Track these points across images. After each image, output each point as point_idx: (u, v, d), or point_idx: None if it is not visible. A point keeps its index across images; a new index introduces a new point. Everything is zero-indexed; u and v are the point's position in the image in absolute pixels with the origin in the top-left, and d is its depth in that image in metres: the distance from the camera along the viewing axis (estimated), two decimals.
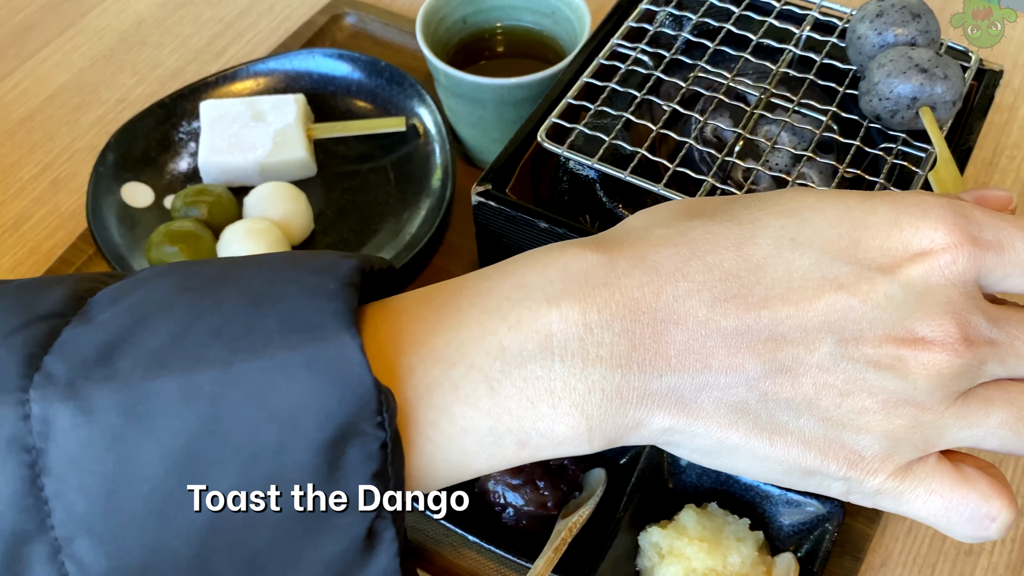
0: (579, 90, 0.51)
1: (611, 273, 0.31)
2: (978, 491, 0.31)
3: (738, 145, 0.49)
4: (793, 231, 0.31)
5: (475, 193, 0.50)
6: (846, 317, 0.30)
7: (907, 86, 0.45)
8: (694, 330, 0.30)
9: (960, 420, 0.31)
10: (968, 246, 0.30)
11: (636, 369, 0.30)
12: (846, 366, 0.30)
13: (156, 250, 0.59)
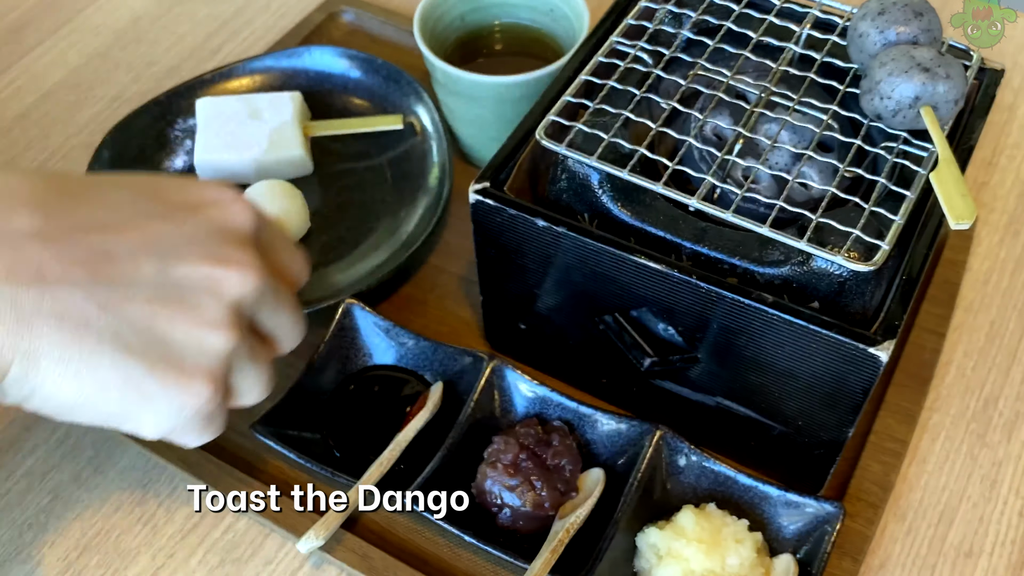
0: (578, 88, 0.51)
1: None
2: None
3: (738, 144, 0.49)
4: (114, 178, 0.42)
5: (473, 191, 0.50)
6: (162, 241, 0.38)
7: (909, 85, 0.45)
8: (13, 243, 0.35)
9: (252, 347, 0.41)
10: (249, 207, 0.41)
11: None
12: (168, 289, 0.37)
13: None
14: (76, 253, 0.35)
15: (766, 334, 0.46)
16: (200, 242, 0.38)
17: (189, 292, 0.37)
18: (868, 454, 0.54)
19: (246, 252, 0.39)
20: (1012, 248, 0.64)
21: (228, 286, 0.38)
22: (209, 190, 0.40)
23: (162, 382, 0.37)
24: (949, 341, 0.59)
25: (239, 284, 0.38)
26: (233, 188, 0.41)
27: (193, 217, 0.38)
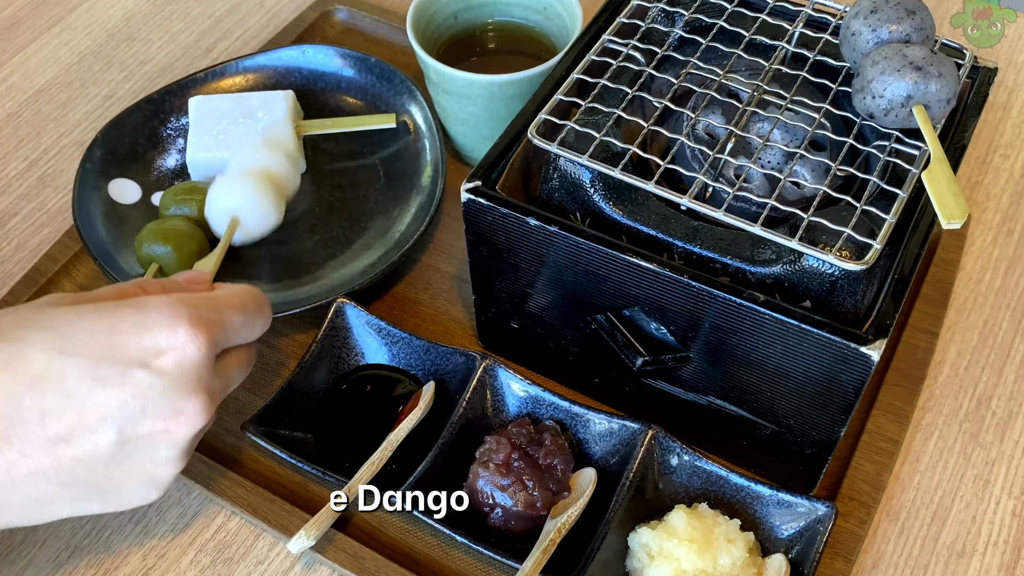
0: (570, 87, 0.50)
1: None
2: None
3: (730, 142, 0.48)
4: (59, 343, 0.40)
5: (464, 190, 0.49)
6: (121, 411, 0.40)
7: (901, 84, 0.45)
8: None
9: None
10: (200, 334, 0.42)
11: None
12: (132, 454, 0.42)
13: (146, 247, 0.58)
14: (39, 446, 0.40)
15: (758, 333, 0.46)
16: (155, 401, 0.41)
17: (144, 448, 0.42)
18: (861, 454, 0.54)
19: (198, 397, 0.43)
20: (1005, 247, 0.64)
21: (181, 434, 0.43)
22: (162, 333, 0.41)
23: (117, 506, 0.44)
24: (942, 340, 0.59)
25: (191, 426, 0.43)
26: (183, 315, 0.42)
27: (147, 375, 0.41)
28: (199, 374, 0.42)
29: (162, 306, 0.42)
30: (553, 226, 0.48)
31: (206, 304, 0.43)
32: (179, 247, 0.58)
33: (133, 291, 0.45)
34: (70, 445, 0.40)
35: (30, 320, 0.41)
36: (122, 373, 0.40)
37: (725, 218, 0.44)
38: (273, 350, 0.60)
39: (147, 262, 0.58)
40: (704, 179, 0.46)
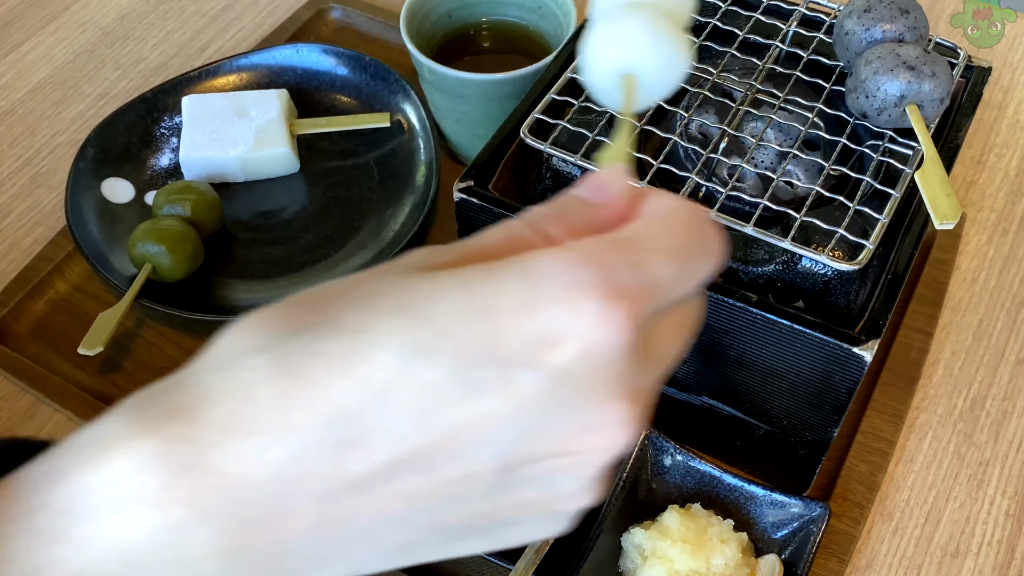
0: (563, 86, 0.50)
1: (194, 449, 0.24)
2: None
3: (723, 142, 0.48)
4: (413, 335, 0.25)
5: (457, 190, 0.49)
6: (504, 431, 0.25)
7: (894, 84, 0.45)
8: (322, 492, 0.25)
9: None
10: (616, 308, 0.25)
11: (256, 556, 0.25)
12: (525, 485, 0.27)
13: (139, 247, 0.58)
14: (389, 484, 0.26)
15: (750, 333, 0.46)
16: (549, 415, 0.26)
17: (539, 478, 0.27)
18: (855, 454, 0.54)
19: (614, 406, 0.26)
20: (1000, 247, 0.63)
21: (592, 459, 0.27)
22: (557, 313, 0.25)
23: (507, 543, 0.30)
24: (937, 340, 0.59)
25: (604, 449, 0.27)
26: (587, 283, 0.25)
27: (536, 378, 0.25)
28: (616, 371, 0.26)
29: (556, 270, 0.25)
30: None
31: (621, 256, 0.26)
32: (173, 247, 0.58)
33: (527, 235, 0.28)
34: (432, 478, 0.27)
35: (376, 298, 0.26)
36: (502, 377, 0.25)
37: (717, 218, 0.44)
38: None
39: (140, 262, 0.58)
40: (696, 179, 0.46)
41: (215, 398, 0.24)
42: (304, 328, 0.25)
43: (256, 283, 0.61)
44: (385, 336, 0.25)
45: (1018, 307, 0.61)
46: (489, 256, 0.27)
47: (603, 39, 0.38)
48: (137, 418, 0.25)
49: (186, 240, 0.59)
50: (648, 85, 0.38)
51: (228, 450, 0.24)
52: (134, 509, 0.24)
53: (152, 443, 0.24)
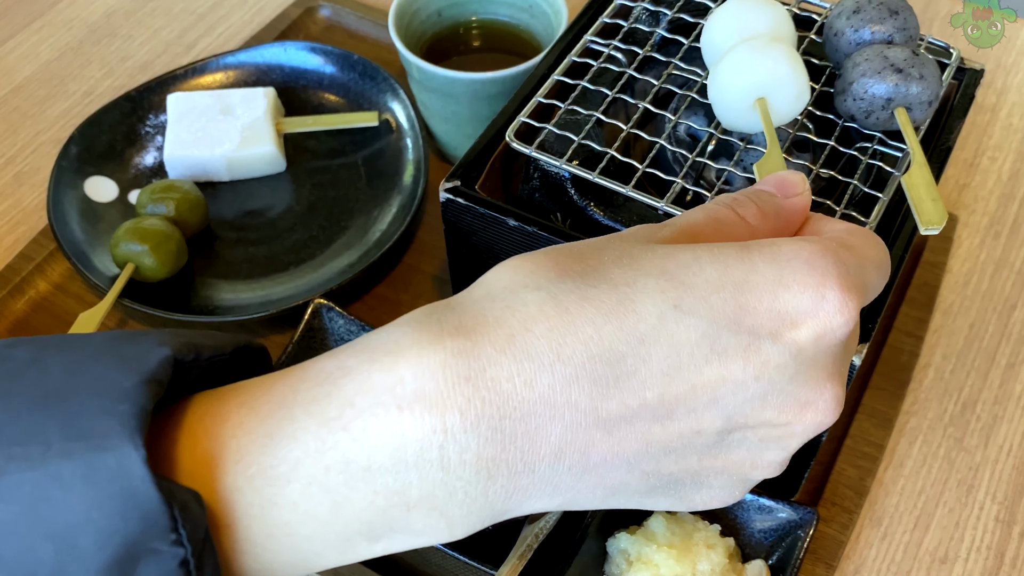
0: (550, 88, 0.50)
1: (474, 364, 0.27)
2: None
3: (711, 145, 0.48)
4: (675, 296, 0.28)
5: (443, 190, 0.49)
6: (736, 394, 0.29)
7: (882, 86, 0.44)
8: (573, 422, 0.28)
9: None
10: (850, 301, 0.29)
11: (505, 471, 0.28)
12: (734, 447, 0.30)
13: (122, 247, 0.57)
14: (630, 424, 0.29)
15: None
16: (781, 387, 0.29)
17: (751, 443, 0.31)
18: (843, 458, 0.53)
19: (833, 387, 0.30)
20: (992, 250, 0.63)
21: (801, 432, 0.31)
22: (805, 296, 0.29)
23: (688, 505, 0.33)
24: (927, 344, 0.59)
25: (815, 425, 0.31)
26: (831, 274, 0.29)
27: (778, 350, 0.29)
28: (838, 355, 0.30)
29: (805, 257, 0.29)
30: (532, 227, 0.47)
31: (851, 257, 0.30)
32: (156, 247, 0.57)
33: (730, 217, 0.32)
34: (666, 427, 0.29)
35: (638, 259, 0.29)
36: (747, 345, 0.29)
37: None
38: None
39: (123, 262, 0.57)
40: (683, 183, 0.45)
41: (496, 323, 0.27)
42: (573, 274, 0.29)
43: (240, 283, 0.60)
44: (651, 294, 0.28)
45: (1010, 311, 0.60)
46: (702, 236, 0.31)
47: (742, 62, 0.44)
48: (424, 330, 0.28)
49: (169, 240, 0.58)
50: (779, 107, 0.43)
51: (504, 369, 0.27)
52: (414, 408, 0.27)
53: (438, 353, 0.27)
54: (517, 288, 0.28)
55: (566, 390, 0.27)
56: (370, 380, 0.27)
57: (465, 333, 0.27)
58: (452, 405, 0.27)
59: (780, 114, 0.44)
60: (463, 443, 0.27)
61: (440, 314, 0.28)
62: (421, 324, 0.28)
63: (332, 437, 0.27)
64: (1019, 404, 0.57)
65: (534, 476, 0.28)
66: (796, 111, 0.45)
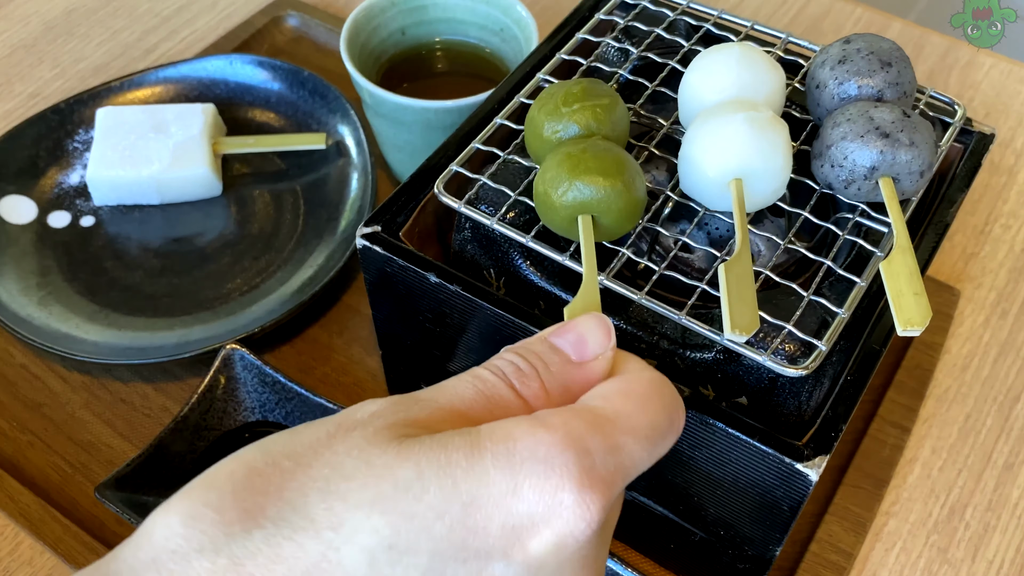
0: (491, 133, 0.44)
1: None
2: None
3: (668, 206, 0.41)
4: (391, 534, 0.24)
5: (360, 236, 0.43)
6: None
7: (865, 152, 0.38)
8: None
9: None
10: (592, 502, 0.25)
11: None
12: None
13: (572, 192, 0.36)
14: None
15: (684, 430, 0.39)
16: None
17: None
18: (806, 567, 0.47)
19: None
20: (998, 330, 0.56)
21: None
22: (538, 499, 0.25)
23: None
24: (916, 435, 0.52)
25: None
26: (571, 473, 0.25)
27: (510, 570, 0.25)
28: (584, 556, 0.26)
29: (541, 456, 0.25)
30: (456, 285, 0.41)
31: (602, 440, 0.26)
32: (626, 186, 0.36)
33: (505, 396, 0.28)
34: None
35: (350, 480, 0.24)
36: (477, 571, 0.25)
37: (644, 302, 0.37)
38: (160, 394, 0.53)
39: (570, 219, 0.37)
40: (629, 254, 0.39)
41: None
42: (265, 520, 0.24)
43: (159, 319, 0.54)
44: (361, 536, 0.24)
45: (1012, 402, 0.53)
46: (467, 419, 0.27)
47: (716, 136, 0.38)
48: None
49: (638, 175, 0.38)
50: (756, 189, 0.38)
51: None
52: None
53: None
54: (190, 554, 0.23)
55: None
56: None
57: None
58: None
59: (757, 199, 0.39)
60: None
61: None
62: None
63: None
64: (1015, 513, 0.50)
65: None
66: (776, 196, 0.39)
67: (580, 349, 0.29)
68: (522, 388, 0.28)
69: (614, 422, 0.27)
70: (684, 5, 0.48)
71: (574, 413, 0.27)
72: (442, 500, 0.24)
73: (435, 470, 0.24)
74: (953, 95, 0.67)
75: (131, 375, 0.54)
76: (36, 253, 0.56)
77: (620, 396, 0.28)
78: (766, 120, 0.38)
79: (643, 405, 0.28)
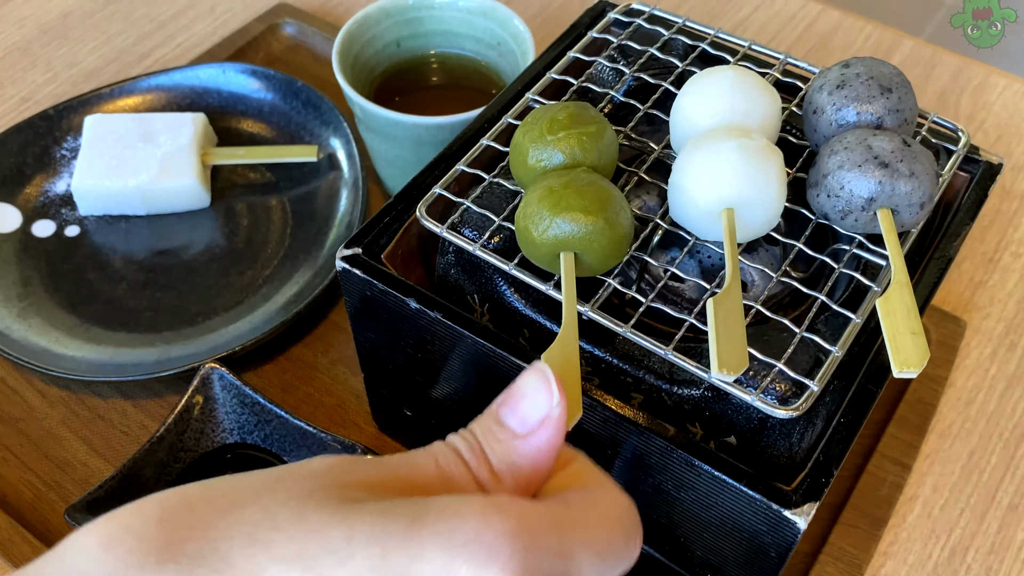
0: (476, 155, 0.42)
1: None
2: None
3: (657, 234, 0.40)
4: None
5: (340, 257, 0.41)
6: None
7: (862, 182, 0.36)
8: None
9: None
10: None
11: None
12: None
13: (552, 228, 0.35)
14: None
15: (668, 470, 0.37)
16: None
17: None
18: None
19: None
20: (1005, 363, 0.54)
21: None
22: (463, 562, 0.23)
23: None
24: (917, 472, 0.50)
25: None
26: (500, 554, 0.23)
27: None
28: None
29: (487, 542, 0.23)
30: (436, 312, 0.40)
31: (556, 543, 0.24)
32: (609, 223, 0.35)
33: (457, 473, 0.27)
34: None
35: (279, 531, 0.23)
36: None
37: (629, 335, 0.36)
38: (139, 411, 0.52)
39: (551, 256, 0.36)
40: (615, 283, 0.37)
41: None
42: (180, 556, 0.23)
43: (140, 335, 0.53)
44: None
45: (1018, 439, 0.51)
46: (416, 489, 0.25)
47: (704, 164, 0.36)
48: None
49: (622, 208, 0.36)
50: (748, 220, 0.36)
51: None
52: None
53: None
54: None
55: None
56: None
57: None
58: None
59: (749, 229, 0.37)
60: None
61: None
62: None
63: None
64: (1020, 556, 0.48)
65: None
66: (769, 227, 0.37)
67: (523, 420, 0.28)
68: (477, 472, 0.27)
69: (572, 528, 0.25)
70: (680, 23, 0.47)
71: (533, 505, 0.25)
72: (368, 569, 0.22)
73: (367, 537, 0.23)
74: (965, 116, 0.66)
75: (111, 391, 0.53)
76: (18, 263, 0.55)
77: (584, 505, 0.26)
78: (759, 148, 0.36)
79: (605, 522, 0.26)
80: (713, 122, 0.38)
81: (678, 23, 0.47)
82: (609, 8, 0.50)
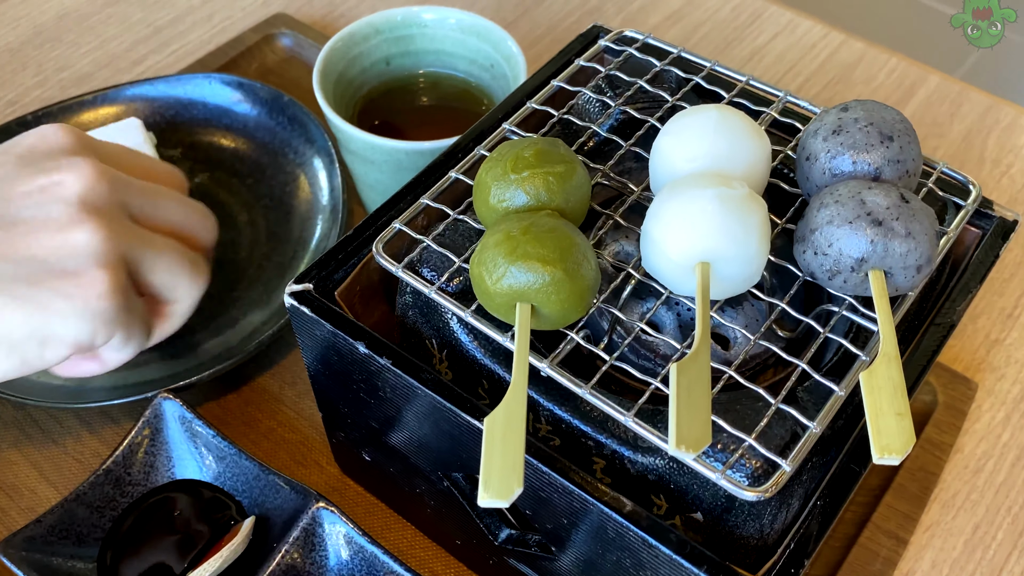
0: (442, 190, 0.39)
1: None
2: None
3: (631, 283, 0.36)
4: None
5: (288, 293, 0.39)
6: None
7: (853, 241, 0.32)
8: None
9: None
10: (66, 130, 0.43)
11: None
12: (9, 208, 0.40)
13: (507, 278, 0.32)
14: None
15: (627, 548, 0.34)
16: (28, 164, 0.40)
17: (34, 209, 0.39)
18: None
19: (74, 156, 0.41)
20: (1019, 430, 0.50)
21: (66, 185, 0.40)
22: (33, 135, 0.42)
23: (56, 290, 0.38)
24: (915, 545, 0.46)
25: (75, 180, 0.40)
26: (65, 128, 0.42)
27: (14, 150, 0.41)
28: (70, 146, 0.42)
29: None
30: (386, 359, 0.37)
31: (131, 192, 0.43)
32: (568, 273, 0.32)
33: None
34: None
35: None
36: None
37: (588, 396, 0.33)
38: (95, 438, 0.50)
39: (507, 306, 0.33)
40: (577, 338, 0.34)
41: None
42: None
43: None
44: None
45: None
46: None
47: (677, 219, 0.33)
48: None
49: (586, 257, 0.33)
50: (726, 276, 0.33)
51: None
52: None
53: None
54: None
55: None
56: None
57: None
58: None
59: (726, 286, 0.34)
60: None
61: None
62: None
63: None
64: None
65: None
66: (749, 284, 0.34)
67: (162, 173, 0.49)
68: None
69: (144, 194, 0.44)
70: (676, 53, 0.43)
71: None
72: None
73: None
74: (991, 159, 0.62)
75: (68, 415, 0.51)
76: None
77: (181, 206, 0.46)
78: (740, 198, 0.33)
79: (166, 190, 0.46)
80: (693, 166, 0.35)
81: (673, 53, 0.44)
82: (603, 34, 0.46)
